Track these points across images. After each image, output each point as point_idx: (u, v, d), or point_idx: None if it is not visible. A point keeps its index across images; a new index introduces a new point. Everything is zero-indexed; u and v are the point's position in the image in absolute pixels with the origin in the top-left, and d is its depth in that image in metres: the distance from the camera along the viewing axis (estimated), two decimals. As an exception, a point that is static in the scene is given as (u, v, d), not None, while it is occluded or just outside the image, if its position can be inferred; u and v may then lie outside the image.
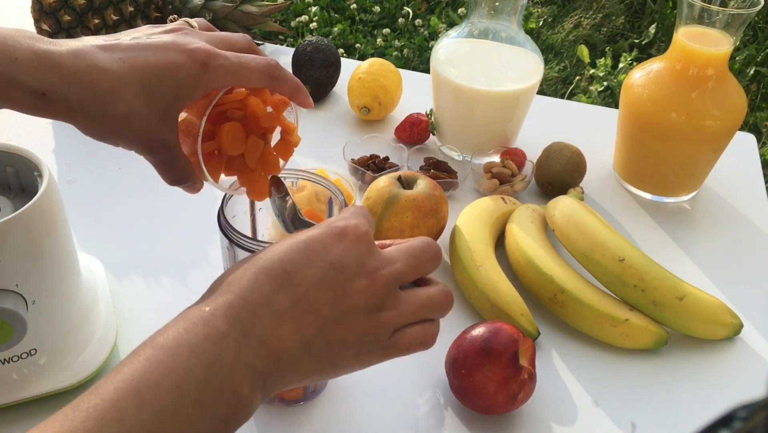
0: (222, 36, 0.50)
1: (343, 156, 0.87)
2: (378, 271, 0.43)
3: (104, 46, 0.46)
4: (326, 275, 0.41)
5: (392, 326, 0.43)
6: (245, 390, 0.38)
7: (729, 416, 0.23)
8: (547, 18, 2.57)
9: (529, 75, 0.87)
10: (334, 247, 0.42)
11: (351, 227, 0.43)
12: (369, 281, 0.42)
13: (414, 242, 0.45)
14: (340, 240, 0.43)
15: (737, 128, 0.82)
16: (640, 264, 0.68)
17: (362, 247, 0.43)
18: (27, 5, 0.97)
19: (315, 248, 0.42)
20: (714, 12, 0.76)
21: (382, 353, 0.44)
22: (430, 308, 0.45)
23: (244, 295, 0.40)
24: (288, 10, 2.47)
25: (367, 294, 0.42)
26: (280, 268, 0.41)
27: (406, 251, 0.45)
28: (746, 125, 2.13)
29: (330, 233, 0.43)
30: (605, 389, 0.65)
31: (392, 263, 0.44)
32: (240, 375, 0.38)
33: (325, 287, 0.41)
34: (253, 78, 0.48)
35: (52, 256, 0.57)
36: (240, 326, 0.39)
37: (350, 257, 0.42)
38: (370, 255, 0.43)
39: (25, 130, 0.92)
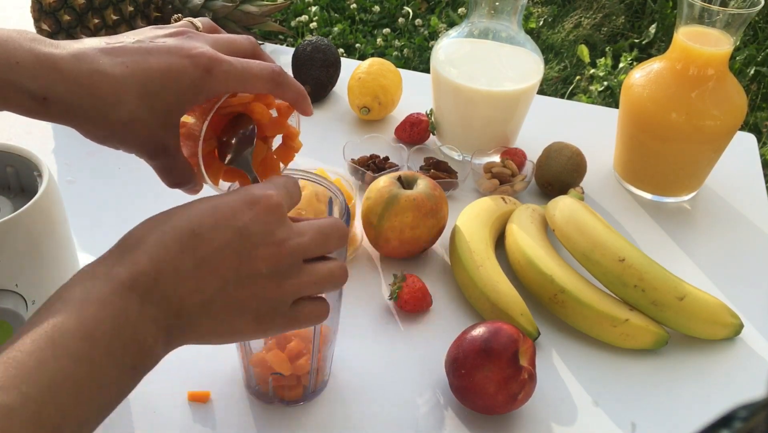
0: (226, 39, 0.50)
1: (343, 156, 0.87)
2: (285, 241, 0.44)
3: (106, 50, 0.45)
4: (232, 240, 0.43)
5: (293, 294, 0.45)
6: (149, 341, 0.40)
7: (729, 416, 0.23)
8: (547, 18, 2.57)
9: (529, 75, 0.87)
10: (243, 214, 0.43)
11: (264, 196, 0.44)
12: (274, 249, 0.43)
13: (323, 221, 0.47)
14: (250, 208, 0.44)
15: (737, 128, 0.82)
16: (640, 264, 0.68)
17: (272, 216, 0.44)
18: (27, 5, 0.97)
19: (225, 212, 0.43)
20: (714, 12, 0.76)
21: (283, 322, 0.45)
22: (330, 280, 0.46)
23: (149, 253, 0.41)
24: (288, 10, 2.47)
25: (271, 262, 0.43)
26: (188, 228, 0.42)
27: (316, 227, 0.46)
28: (746, 125, 2.13)
29: (242, 199, 0.44)
30: (605, 389, 0.65)
31: (300, 235, 0.45)
32: (144, 328, 0.40)
33: (230, 251, 0.42)
34: (257, 84, 0.48)
35: (52, 256, 0.57)
36: (143, 282, 0.40)
37: (259, 224, 0.43)
38: (279, 225, 0.44)
39: (25, 130, 0.92)
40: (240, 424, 0.60)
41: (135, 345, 0.39)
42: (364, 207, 0.75)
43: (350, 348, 0.67)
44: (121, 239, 0.43)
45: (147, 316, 0.40)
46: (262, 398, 0.62)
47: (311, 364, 0.59)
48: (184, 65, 0.45)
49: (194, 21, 0.51)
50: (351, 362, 0.66)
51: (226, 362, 0.64)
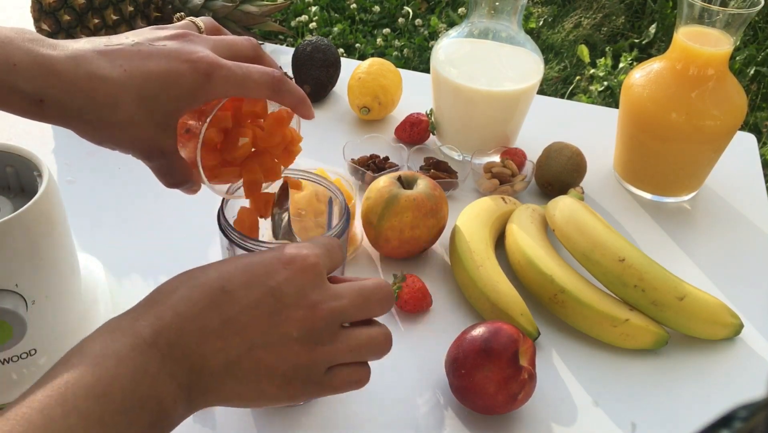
0: (227, 41, 0.49)
1: (343, 156, 0.87)
2: (320, 304, 0.42)
3: (105, 52, 0.45)
4: (263, 300, 0.41)
5: (327, 362, 0.43)
6: (168, 401, 0.38)
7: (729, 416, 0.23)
8: (547, 18, 2.57)
9: (529, 75, 0.87)
10: (277, 273, 0.42)
11: (300, 256, 0.43)
12: (308, 312, 0.42)
13: (366, 282, 0.45)
14: (285, 267, 0.42)
15: (737, 128, 0.82)
16: (640, 264, 0.68)
17: (307, 278, 0.42)
18: (27, 5, 0.97)
19: (257, 271, 0.42)
20: (714, 12, 0.76)
21: (315, 390, 0.43)
22: (369, 348, 0.44)
23: (175, 307, 0.40)
24: (288, 10, 2.47)
25: (303, 325, 0.41)
26: (218, 285, 0.41)
27: (357, 289, 0.44)
28: (746, 125, 2.13)
29: (277, 258, 0.43)
30: (605, 389, 0.65)
31: (338, 298, 0.43)
32: (163, 385, 0.38)
33: (259, 312, 0.41)
34: (256, 90, 0.47)
35: (51, 256, 0.57)
36: (166, 338, 0.39)
37: (292, 285, 0.42)
38: (314, 287, 0.42)
39: (25, 130, 0.92)
40: (240, 424, 0.60)
41: (152, 403, 0.38)
42: (364, 207, 0.75)
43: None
44: (152, 292, 0.42)
45: (167, 373, 0.38)
46: (262, 398, 0.62)
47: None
48: (183, 70, 0.45)
49: (196, 21, 0.51)
50: (351, 362, 0.66)
51: (226, 362, 0.64)
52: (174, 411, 0.39)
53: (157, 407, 0.38)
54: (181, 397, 0.39)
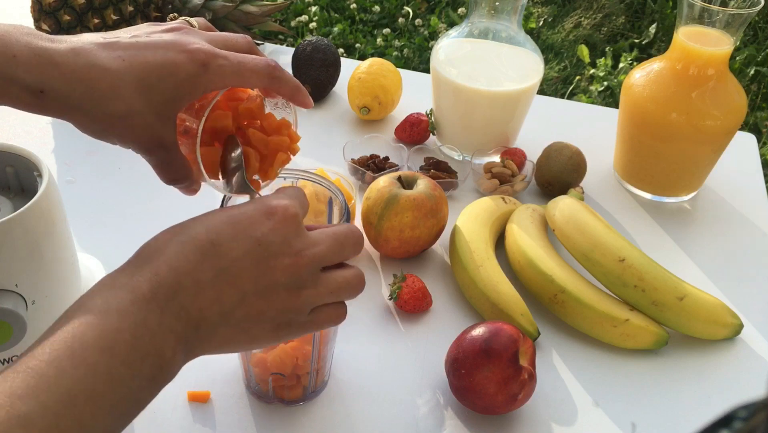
0: (222, 36, 0.50)
1: (343, 156, 0.87)
2: (302, 252, 0.44)
3: (104, 44, 0.45)
4: (251, 251, 0.43)
5: (311, 304, 0.45)
6: (168, 353, 0.40)
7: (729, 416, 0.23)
8: (547, 18, 2.57)
9: (529, 75, 0.87)
10: (261, 224, 0.44)
11: (281, 206, 0.45)
12: (292, 259, 0.44)
13: (339, 228, 0.47)
14: (268, 218, 0.44)
15: (737, 128, 0.82)
16: (640, 264, 0.68)
17: (289, 227, 0.44)
18: (27, 5, 0.97)
19: (243, 223, 0.44)
20: (714, 12, 0.76)
21: (301, 329, 0.45)
22: (346, 289, 0.47)
23: (169, 262, 0.41)
24: (288, 10, 2.47)
25: (290, 272, 0.43)
26: (207, 239, 0.42)
27: (331, 235, 0.46)
28: (746, 125, 2.13)
29: (259, 210, 0.44)
30: (605, 389, 0.65)
31: (316, 245, 0.45)
32: (163, 339, 0.40)
33: (248, 262, 0.43)
34: (253, 78, 0.48)
35: (51, 256, 0.57)
36: (164, 293, 0.40)
37: (276, 235, 0.44)
38: (296, 236, 0.44)
39: (25, 130, 0.92)
40: (240, 424, 0.60)
41: (154, 357, 0.39)
42: (364, 207, 0.75)
43: (350, 348, 0.67)
44: (140, 250, 0.43)
45: (166, 327, 0.40)
46: (262, 398, 0.62)
47: (311, 364, 0.59)
48: (180, 60, 0.46)
49: (190, 20, 0.52)
50: (351, 362, 0.66)
51: (226, 362, 0.64)
52: (173, 362, 0.40)
53: (158, 360, 0.39)
54: (180, 348, 0.41)
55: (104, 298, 0.39)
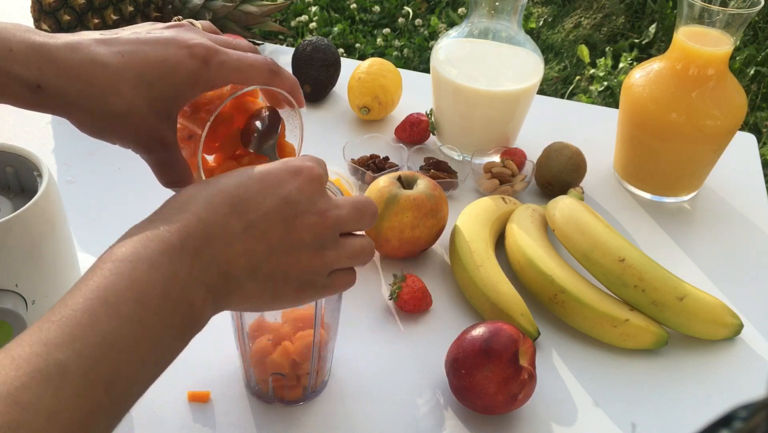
0: (223, 37, 0.50)
1: (343, 156, 0.87)
2: (326, 212, 0.44)
3: (102, 40, 0.45)
4: (279, 207, 0.43)
5: (330, 266, 0.45)
6: (198, 303, 0.40)
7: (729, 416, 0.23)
8: (547, 18, 2.57)
9: (529, 75, 0.87)
10: (288, 183, 0.44)
11: (306, 167, 0.45)
12: (318, 218, 0.44)
13: (358, 197, 0.48)
14: (294, 177, 0.44)
15: (737, 128, 0.82)
16: (640, 264, 0.68)
17: (314, 187, 0.44)
18: (27, 5, 0.97)
19: (270, 180, 0.44)
20: (714, 12, 0.76)
21: (320, 292, 0.46)
22: (361, 255, 0.47)
23: (198, 214, 0.41)
24: (288, 10, 2.47)
25: (315, 231, 0.44)
26: (236, 193, 0.43)
27: (352, 201, 0.46)
28: (746, 125, 2.13)
29: (286, 169, 0.44)
30: (605, 389, 0.65)
31: (339, 207, 0.45)
32: (193, 289, 0.40)
33: (276, 218, 0.43)
34: (254, 74, 0.48)
35: (51, 256, 0.57)
36: (193, 244, 0.40)
37: (303, 194, 0.44)
38: (320, 196, 0.45)
39: (25, 130, 0.92)
40: (240, 424, 0.60)
41: (184, 306, 0.39)
42: (364, 207, 0.75)
43: (350, 348, 0.67)
44: (166, 202, 0.43)
45: (196, 278, 0.40)
46: (262, 398, 0.62)
47: (311, 364, 0.59)
48: (181, 56, 0.45)
49: (194, 22, 0.51)
50: (351, 362, 0.66)
51: (226, 362, 0.64)
52: (203, 313, 0.41)
53: (189, 310, 0.39)
54: (209, 299, 0.41)
55: (134, 248, 0.39)
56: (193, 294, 0.40)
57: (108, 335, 0.36)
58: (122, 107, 0.44)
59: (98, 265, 0.39)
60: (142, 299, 0.38)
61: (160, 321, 0.38)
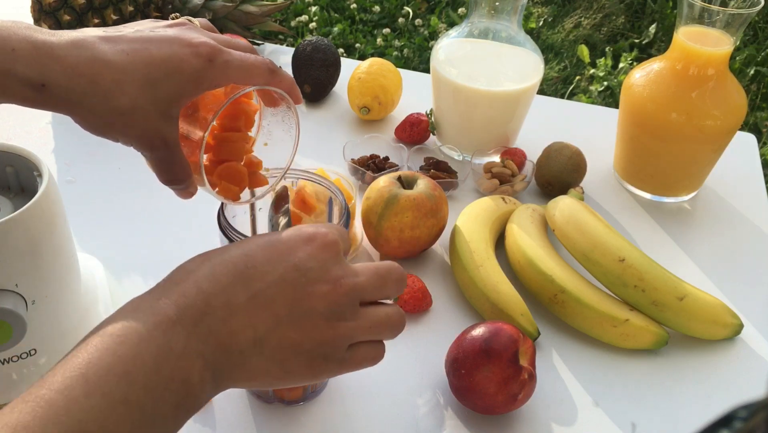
0: (224, 37, 0.50)
1: (343, 156, 0.87)
2: (341, 279, 0.42)
3: (106, 38, 0.44)
4: (288, 275, 0.41)
5: (350, 338, 0.43)
6: (195, 379, 0.38)
7: (729, 416, 0.23)
8: (547, 18, 2.57)
9: (529, 75, 0.87)
10: (299, 250, 0.42)
11: (320, 233, 0.43)
12: (331, 287, 0.42)
13: (381, 263, 0.45)
14: (306, 243, 0.43)
15: (737, 128, 0.82)
16: (640, 264, 0.68)
17: (328, 253, 0.43)
18: (27, 5, 0.97)
19: (280, 248, 0.42)
20: (714, 12, 0.76)
21: (337, 367, 0.43)
22: (387, 326, 0.44)
23: (199, 284, 0.40)
24: (288, 10, 2.47)
25: (328, 300, 0.42)
26: (241, 262, 0.41)
27: (373, 268, 0.44)
28: (746, 125, 2.13)
29: (298, 236, 0.43)
30: (605, 389, 0.65)
31: (357, 275, 0.43)
32: (189, 363, 0.38)
33: (284, 286, 0.41)
34: (256, 74, 0.48)
35: (51, 256, 0.57)
36: (191, 315, 0.38)
37: (315, 261, 0.42)
38: (335, 263, 0.43)
39: (25, 130, 0.92)
40: (240, 424, 0.60)
41: (178, 382, 0.37)
42: (364, 207, 0.75)
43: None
44: (171, 273, 0.42)
45: (193, 350, 0.38)
46: (262, 398, 0.62)
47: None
48: (185, 54, 0.45)
49: (193, 20, 0.51)
50: (351, 362, 0.66)
51: (226, 362, 0.64)
52: (201, 391, 0.38)
53: (183, 387, 0.37)
54: (207, 376, 0.39)
55: (125, 322, 0.37)
56: (188, 369, 0.37)
57: (86, 415, 0.33)
58: (126, 106, 0.44)
59: (86, 340, 0.37)
60: (128, 375, 0.35)
61: (148, 399, 0.35)
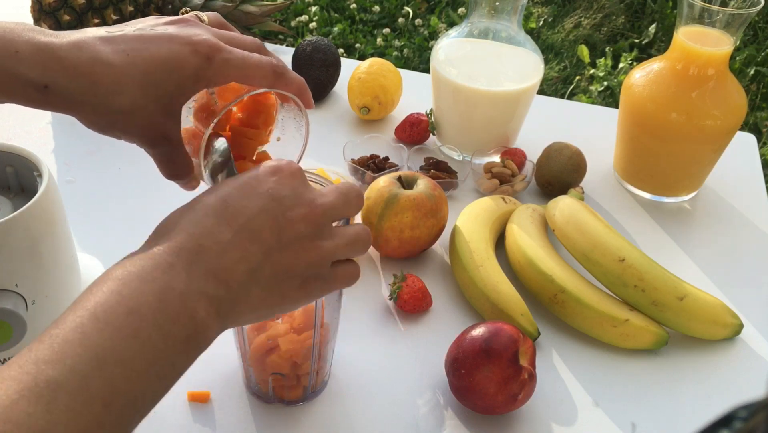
0: (230, 34, 0.49)
1: (343, 156, 0.87)
2: (314, 201, 0.44)
3: (107, 38, 0.45)
4: (266, 205, 0.43)
5: (331, 256, 0.45)
6: (201, 313, 0.39)
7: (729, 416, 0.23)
8: (547, 18, 2.57)
9: (529, 75, 0.87)
10: (269, 181, 0.44)
11: (284, 164, 0.45)
12: (307, 209, 0.44)
13: (340, 184, 0.47)
14: (274, 174, 0.44)
15: (737, 128, 0.82)
16: (640, 264, 0.68)
17: (296, 180, 0.44)
18: (27, 5, 0.97)
19: (251, 183, 0.44)
20: (714, 12, 0.76)
21: (326, 286, 0.45)
22: (359, 243, 0.47)
23: (186, 229, 0.41)
24: (288, 10, 2.47)
25: (308, 221, 0.43)
26: (219, 203, 0.42)
27: (334, 189, 0.46)
28: (746, 125, 2.13)
29: (264, 169, 0.45)
30: (605, 389, 0.65)
31: (324, 196, 0.45)
32: (193, 300, 0.39)
33: (266, 216, 0.42)
34: (258, 75, 0.48)
35: (51, 256, 0.57)
36: (186, 257, 0.40)
37: (286, 188, 0.44)
38: (305, 188, 0.45)
39: (25, 130, 0.92)
40: (240, 424, 0.60)
41: (185, 318, 0.38)
42: (364, 207, 0.75)
43: (350, 348, 0.67)
44: (154, 230, 0.43)
45: (195, 289, 0.39)
46: (262, 398, 0.62)
47: (311, 364, 0.59)
48: (185, 53, 0.45)
49: (200, 15, 0.51)
50: (351, 362, 0.66)
51: (226, 362, 0.64)
52: (208, 326, 0.40)
53: (191, 322, 0.38)
54: (213, 310, 0.40)
55: (124, 268, 0.39)
56: (194, 305, 0.39)
57: (100, 349, 0.35)
58: (127, 105, 0.45)
59: (88, 289, 0.38)
60: (136, 311, 0.37)
61: (157, 334, 0.37)
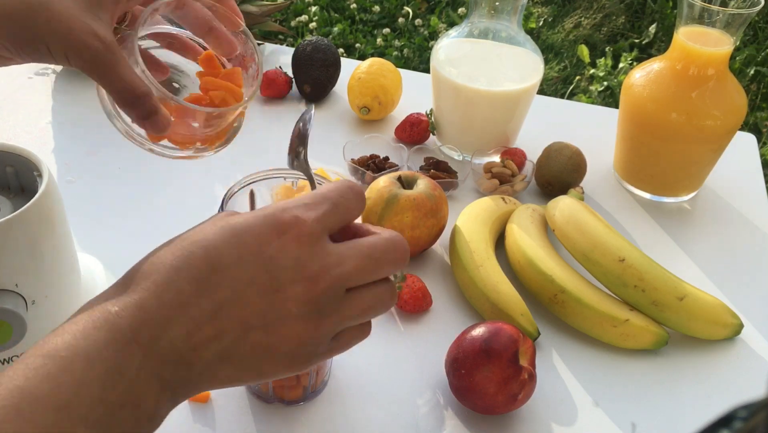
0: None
1: (343, 156, 0.87)
2: (320, 275, 0.37)
3: None
4: (258, 278, 0.36)
5: (332, 332, 0.39)
6: (149, 402, 0.34)
7: (729, 416, 0.23)
8: (547, 18, 2.57)
9: (529, 75, 0.87)
10: (270, 244, 0.37)
11: (294, 221, 0.37)
12: (307, 285, 0.37)
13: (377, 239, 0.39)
14: (279, 236, 0.37)
15: (737, 128, 0.82)
16: (640, 264, 0.68)
17: (304, 246, 0.37)
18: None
19: (248, 242, 0.37)
20: (714, 12, 0.76)
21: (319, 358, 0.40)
22: (375, 308, 0.40)
23: (158, 293, 0.35)
24: (288, 10, 2.47)
25: (303, 301, 0.37)
26: (206, 263, 0.36)
27: (365, 251, 0.39)
28: (746, 125, 2.13)
29: (269, 226, 0.37)
30: (605, 389, 0.65)
31: (341, 263, 0.38)
32: (143, 387, 0.34)
33: (253, 292, 0.36)
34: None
35: (51, 256, 0.57)
36: (149, 333, 0.34)
37: (288, 257, 0.37)
38: (312, 256, 0.37)
39: (25, 130, 0.92)
40: (240, 424, 0.60)
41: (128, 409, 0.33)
42: (364, 207, 0.75)
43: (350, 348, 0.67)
44: (129, 272, 0.38)
45: (149, 372, 0.34)
46: (262, 398, 0.62)
47: (311, 364, 0.59)
48: None
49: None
50: (351, 362, 0.66)
51: (226, 362, 0.64)
52: (156, 413, 0.35)
53: (135, 412, 0.34)
54: (165, 396, 0.35)
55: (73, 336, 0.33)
56: (143, 392, 0.34)
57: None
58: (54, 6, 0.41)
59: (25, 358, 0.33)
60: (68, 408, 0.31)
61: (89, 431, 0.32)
